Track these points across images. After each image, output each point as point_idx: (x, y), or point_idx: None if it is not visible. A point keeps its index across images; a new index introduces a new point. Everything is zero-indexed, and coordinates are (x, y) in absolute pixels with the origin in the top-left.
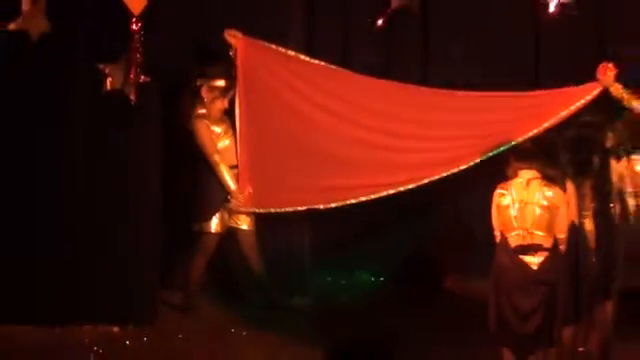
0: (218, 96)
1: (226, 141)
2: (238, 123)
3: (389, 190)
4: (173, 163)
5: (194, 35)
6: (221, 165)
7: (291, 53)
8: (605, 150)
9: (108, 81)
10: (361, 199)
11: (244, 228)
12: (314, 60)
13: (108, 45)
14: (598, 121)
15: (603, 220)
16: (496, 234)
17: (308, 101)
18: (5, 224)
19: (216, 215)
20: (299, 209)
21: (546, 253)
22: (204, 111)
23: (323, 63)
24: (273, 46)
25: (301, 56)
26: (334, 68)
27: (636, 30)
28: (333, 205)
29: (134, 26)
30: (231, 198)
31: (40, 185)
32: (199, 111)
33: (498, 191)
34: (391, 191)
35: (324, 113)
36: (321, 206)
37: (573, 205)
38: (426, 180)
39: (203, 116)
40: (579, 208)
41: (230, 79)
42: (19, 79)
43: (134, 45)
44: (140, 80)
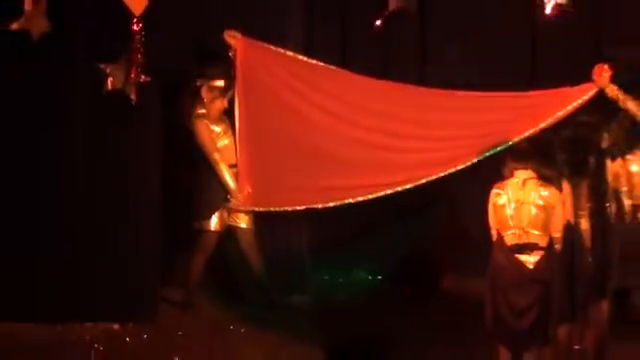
0: (218, 96)
1: (225, 140)
2: (237, 123)
3: (387, 190)
4: (173, 162)
5: (194, 36)
6: (221, 164)
7: (290, 54)
8: (601, 150)
9: (109, 81)
10: (359, 199)
11: (243, 227)
12: (313, 61)
13: (109, 45)
14: (594, 121)
15: (599, 219)
16: (492, 233)
17: (307, 101)
18: (6, 222)
19: (216, 214)
20: (298, 208)
21: (542, 252)
22: (204, 111)
23: (322, 63)
24: (272, 47)
25: (300, 57)
26: (333, 68)
27: (632, 31)
28: (332, 204)
29: (135, 26)
30: (230, 197)
31: (41, 184)
32: (199, 111)
33: (494, 191)
34: (389, 191)
35: (323, 113)
36: (319, 205)
37: (569, 205)
38: (424, 180)
39: (203, 116)
40: (575, 208)
41: (229, 79)
42: (20, 78)
43: (135, 45)
44: (141, 80)
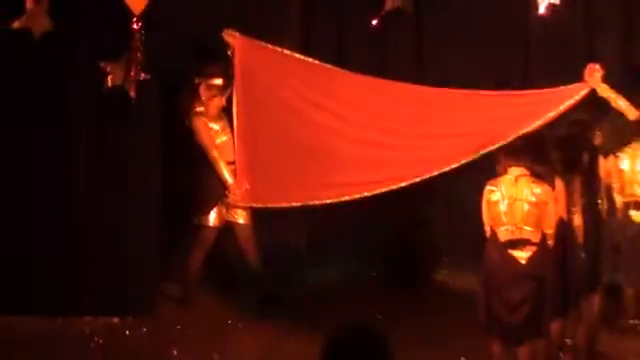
0: (216, 94)
1: (224, 138)
2: (235, 120)
3: (383, 188)
4: (172, 159)
5: (193, 35)
6: (219, 161)
7: (288, 52)
8: (594, 148)
9: (109, 78)
10: (355, 196)
11: (241, 222)
12: (310, 59)
13: (109, 44)
14: (587, 119)
15: (591, 216)
16: (486, 229)
17: (304, 99)
18: (7, 217)
19: (214, 209)
20: (294, 205)
21: (534, 248)
22: (202, 108)
23: (319, 62)
24: (270, 45)
25: (297, 55)
26: (330, 67)
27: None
28: (328, 202)
29: (135, 25)
30: (228, 193)
31: (42, 179)
32: (197, 108)
33: (488, 187)
34: (385, 189)
35: (320, 111)
36: (316, 202)
37: (562, 201)
38: (419, 178)
39: (201, 113)
40: (568, 204)
41: (228, 78)
42: (22, 76)
43: (135, 44)
44: (140, 78)
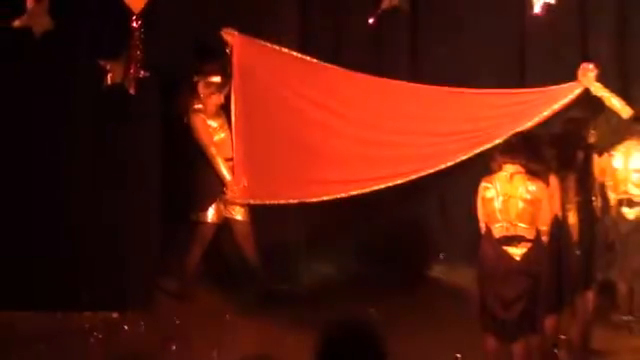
0: (214, 91)
1: (222, 134)
2: (233, 118)
3: (380, 185)
4: (171, 155)
5: (192, 33)
6: (217, 158)
7: (285, 51)
8: (588, 145)
9: (109, 76)
10: (352, 193)
11: (239, 219)
12: (307, 57)
13: (109, 42)
14: (582, 118)
15: (586, 213)
16: (481, 225)
17: (301, 97)
18: (7, 214)
19: (212, 206)
20: (292, 202)
21: (529, 244)
22: (201, 106)
23: (316, 60)
24: (268, 44)
25: (295, 53)
26: (327, 65)
27: None
28: (325, 198)
29: (134, 24)
30: (227, 189)
31: (41, 176)
32: (196, 106)
33: (483, 184)
34: (382, 186)
35: (317, 109)
36: (313, 199)
37: (557, 198)
38: (415, 175)
39: (200, 111)
40: (563, 201)
41: (226, 75)
42: (23, 74)
43: (134, 42)
44: (140, 75)
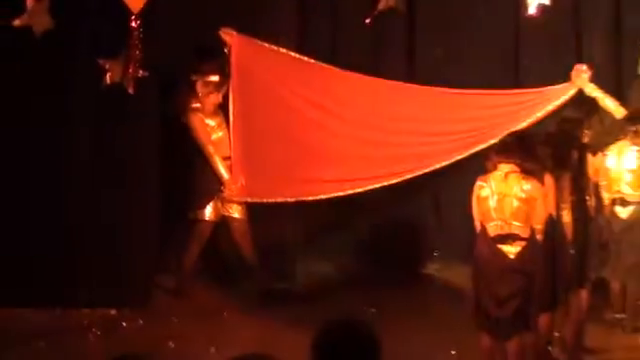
0: (212, 91)
1: (219, 133)
2: (231, 116)
3: (375, 184)
4: (169, 154)
5: (190, 33)
6: (215, 156)
7: (283, 51)
8: (582, 146)
9: (108, 75)
10: (349, 192)
11: (237, 217)
12: (305, 57)
13: (108, 41)
14: (577, 118)
15: (580, 212)
16: (476, 224)
17: (298, 96)
18: (7, 211)
19: (210, 204)
20: (289, 200)
21: (523, 243)
22: (199, 105)
23: (313, 60)
24: (266, 44)
25: (292, 53)
26: (324, 65)
27: None
28: (322, 197)
29: (133, 23)
30: (224, 188)
31: (40, 174)
32: (194, 105)
33: (478, 183)
34: (377, 185)
35: (314, 108)
36: (310, 198)
37: (551, 198)
38: (411, 175)
39: (198, 109)
40: (557, 200)
41: (224, 75)
42: (23, 73)
43: (133, 41)
44: (138, 75)
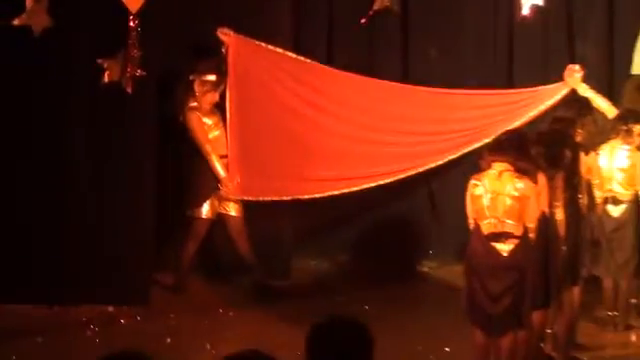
0: (209, 90)
1: (216, 132)
2: (228, 115)
3: (370, 183)
4: (167, 152)
5: (188, 32)
6: (212, 155)
7: (279, 50)
8: (575, 145)
9: (106, 75)
10: (343, 191)
11: (233, 214)
12: (301, 57)
13: (107, 41)
14: (570, 117)
15: (573, 210)
16: (470, 222)
17: (295, 96)
18: (6, 208)
19: (207, 202)
20: (284, 198)
21: (516, 241)
22: (196, 104)
23: (309, 60)
24: (262, 44)
25: (289, 53)
26: (320, 65)
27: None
28: (318, 195)
29: (131, 23)
30: (221, 186)
31: (39, 170)
32: (191, 104)
33: (472, 182)
34: (372, 184)
35: (309, 107)
36: (306, 196)
37: (545, 196)
38: (405, 174)
39: (195, 108)
40: (551, 199)
41: (221, 74)
42: (21, 71)
43: (131, 41)
44: (136, 74)
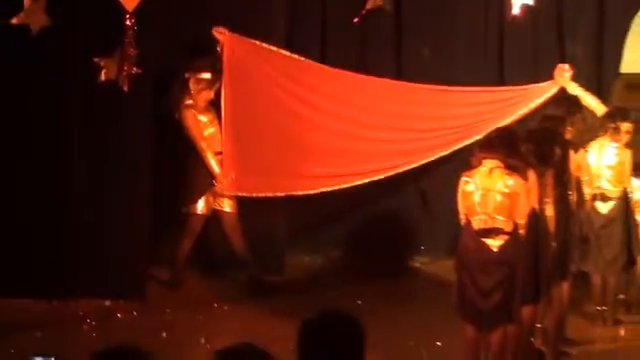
0: (205, 87)
1: (211, 129)
2: (223, 113)
3: (364, 179)
4: (162, 149)
5: (184, 31)
6: (207, 151)
7: (274, 49)
8: (565, 142)
9: (103, 73)
10: (336, 188)
11: (228, 210)
12: (295, 55)
13: (103, 39)
14: (560, 115)
15: (562, 207)
16: (461, 217)
17: (289, 93)
18: (5, 205)
19: (202, 198)
20: (279, 195)
21: (506, 236)
22: (191, 101)
23: (303, 58)
24: (257, 42)
25: (283, 51)
26: (314, 63)
27: None
28: (311, 192)
29: (128, 22)
30: (216, 182)
31: (36, 168)
32: (187, 101)
33: (463, 178)
34: (365, 180)
35: (303, 105)
36: (300, 192)
37: (535, 193)
38: (397, 170)
39: (190, 106)
40: (541, 195)
41: (216, 72)
42: (20, 70)
43: (128, 39)
44: (132, 72)
